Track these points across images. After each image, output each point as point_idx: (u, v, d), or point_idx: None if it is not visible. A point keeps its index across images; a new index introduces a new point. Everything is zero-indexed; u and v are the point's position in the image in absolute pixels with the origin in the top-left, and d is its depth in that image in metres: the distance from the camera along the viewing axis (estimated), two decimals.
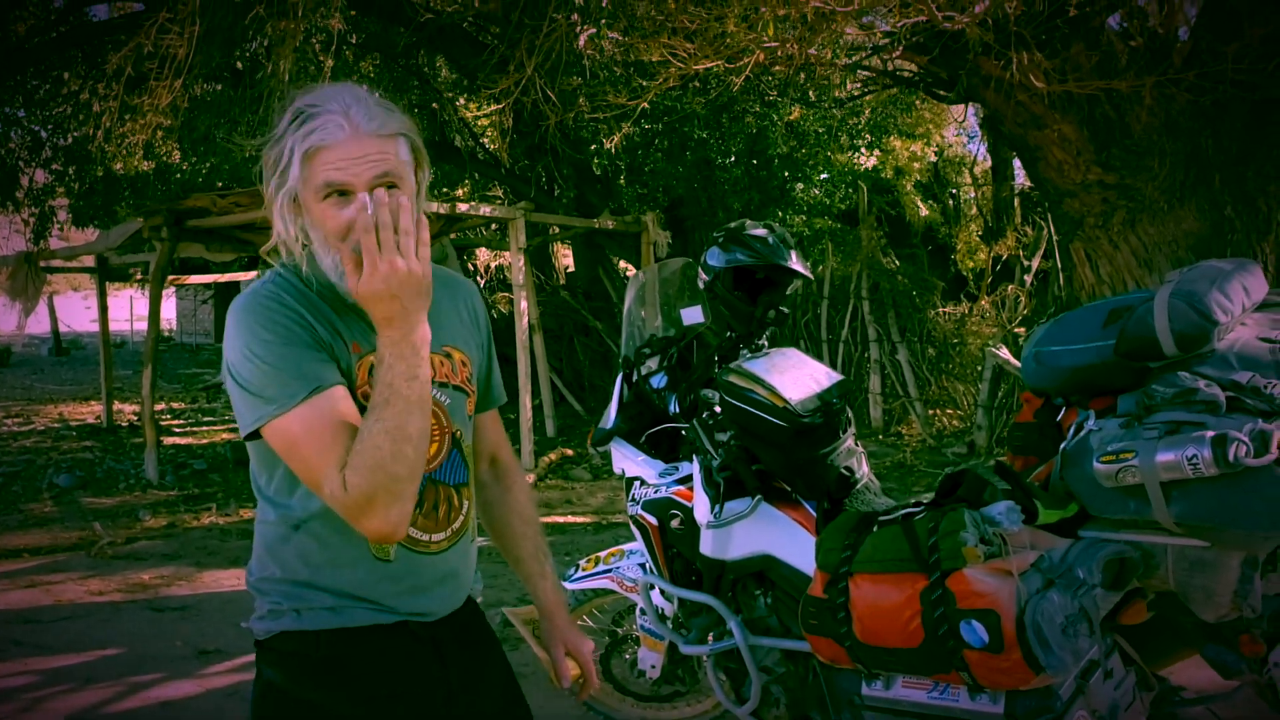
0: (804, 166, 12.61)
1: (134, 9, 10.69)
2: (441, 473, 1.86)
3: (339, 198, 1.67)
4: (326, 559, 1.78)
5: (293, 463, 1.69)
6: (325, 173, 1.66)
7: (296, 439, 1.65)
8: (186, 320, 30.81)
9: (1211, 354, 2.38)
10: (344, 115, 1.68)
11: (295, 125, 1.68)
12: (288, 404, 1.65)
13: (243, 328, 1.70)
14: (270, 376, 1.66)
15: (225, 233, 10.72)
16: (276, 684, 1.80)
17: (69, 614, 5.89)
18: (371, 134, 1.68)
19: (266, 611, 1.81)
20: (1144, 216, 5.13)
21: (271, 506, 1.81)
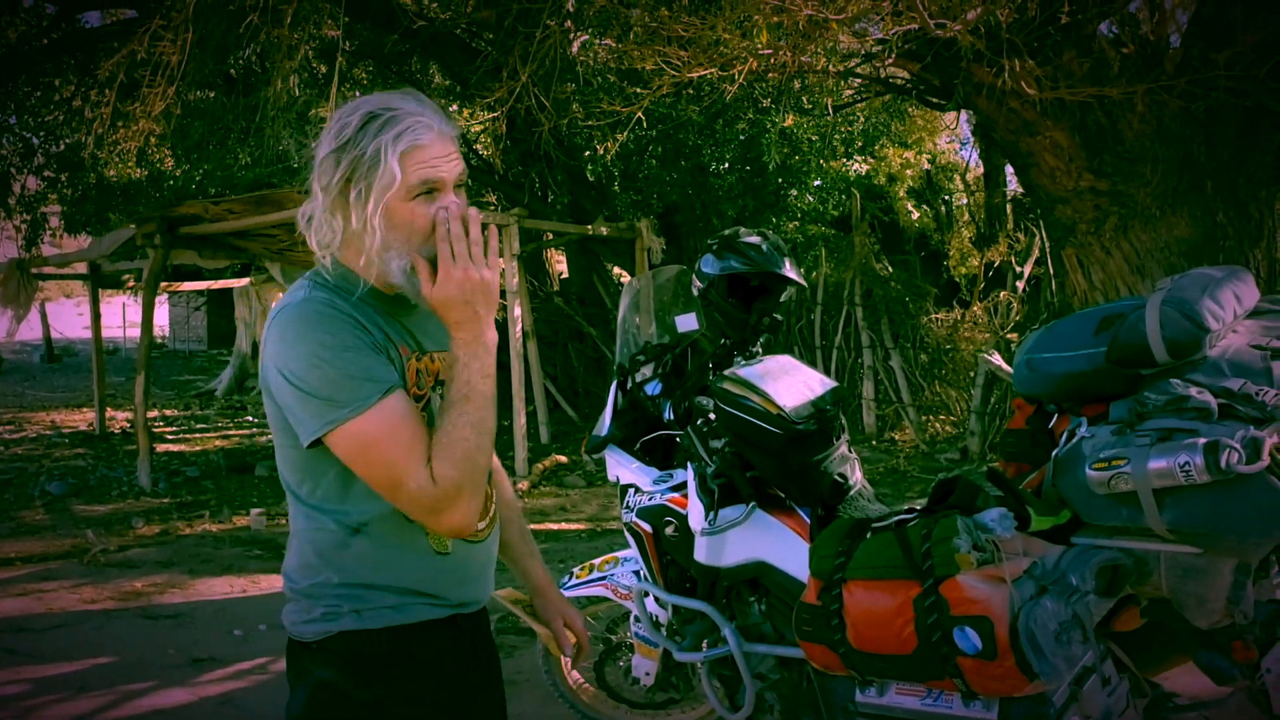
0: (798, 173, 12.63)
1: (127, 16, 10.68)
2: None
3: (425, 196, 1.75)
4: (387, 558, 1.81)
5: (368, 464, 1.71)
6: (419, 171, 1.73)
7: (375, 440, 1.69)
8: (179, 327, 30.74)
9: (1203, 361, 2.39)
10: (425, 117, 1.76)
11: (378, 128, 1.73)
12: (361, 406, 1.68)
13: (303, 335, 1.72)
14: (340, 381, 1.69)
15: (218, 239, 10.71)
16: (334, 684, 1.82)
17: (61, 622, 5.87)
18: (451, 135, 1.79)
19: (320, 614, 1.82)
20: (1136, 223, 5.14)
21: (321, 514, 1.82)
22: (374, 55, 11.44)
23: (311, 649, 1.84)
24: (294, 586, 1.87)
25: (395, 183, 1.72)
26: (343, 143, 1.74)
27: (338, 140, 1.75)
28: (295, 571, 1.87)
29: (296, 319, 1.74)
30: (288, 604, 1.89)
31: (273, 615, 5.86)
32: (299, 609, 1.86)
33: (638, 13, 5.92)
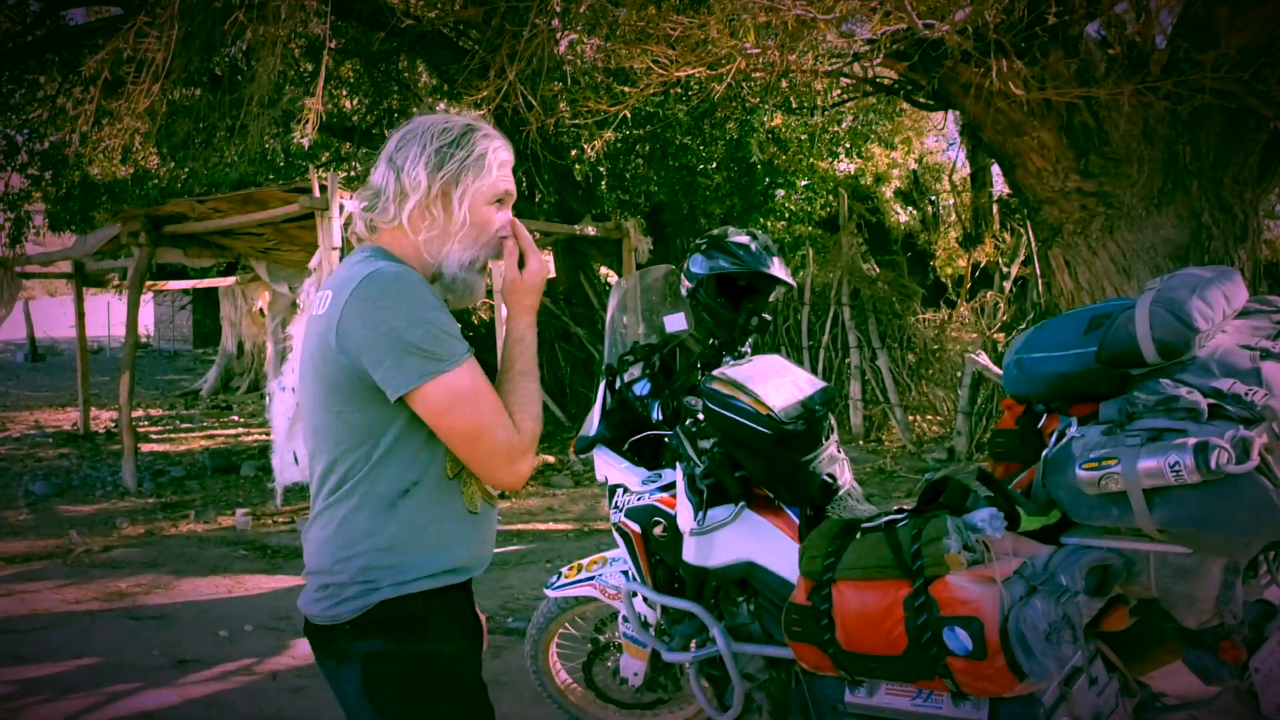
0: (785, 173, 12.64)
1: (112, 13, 10.62)
2: None
3: (499, 204, 2.07)
4: (429, 518, 1.97)
5: (457, 415, 1.90)
6: (507, 182, 2.07)
7: (468, 392, 1.90)
8: (164, 326, 30.59)
9: (1193, 361, 2.39)
10: (506, 141, 2.10)
11: (481, 136, 2.04)
12: (458, 361, 1.89)
13: (404, 295, 1.88)
14: (440, 338, 1.88)
15: (204, 238, 10.66)
16: (382, 652, 1.96)
17: (45, 623, 5.83)
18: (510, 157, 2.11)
19: (355, 592, 1.95)
20: (1122, 223, 5.16)
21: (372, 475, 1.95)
22: (361, 54, 11.40)
23: (348, 629, 1.96)
24: (329, 567, 1.98)
25: (488, 184, 2.03)
26: (447, 142, 2.01)
27: (441, 140, 2.01)
28: (329, 548, 1.98)
29: (395, 280, 1.90)
30: (313, 596, 2.00)
31: (259, 616, 5.84)
32: (328, 595, 1.97)
33: (626, 12, 5.92)
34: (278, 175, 12.63)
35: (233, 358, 18.69)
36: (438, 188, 1.99)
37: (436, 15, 8.88)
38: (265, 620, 5.77)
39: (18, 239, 12.46)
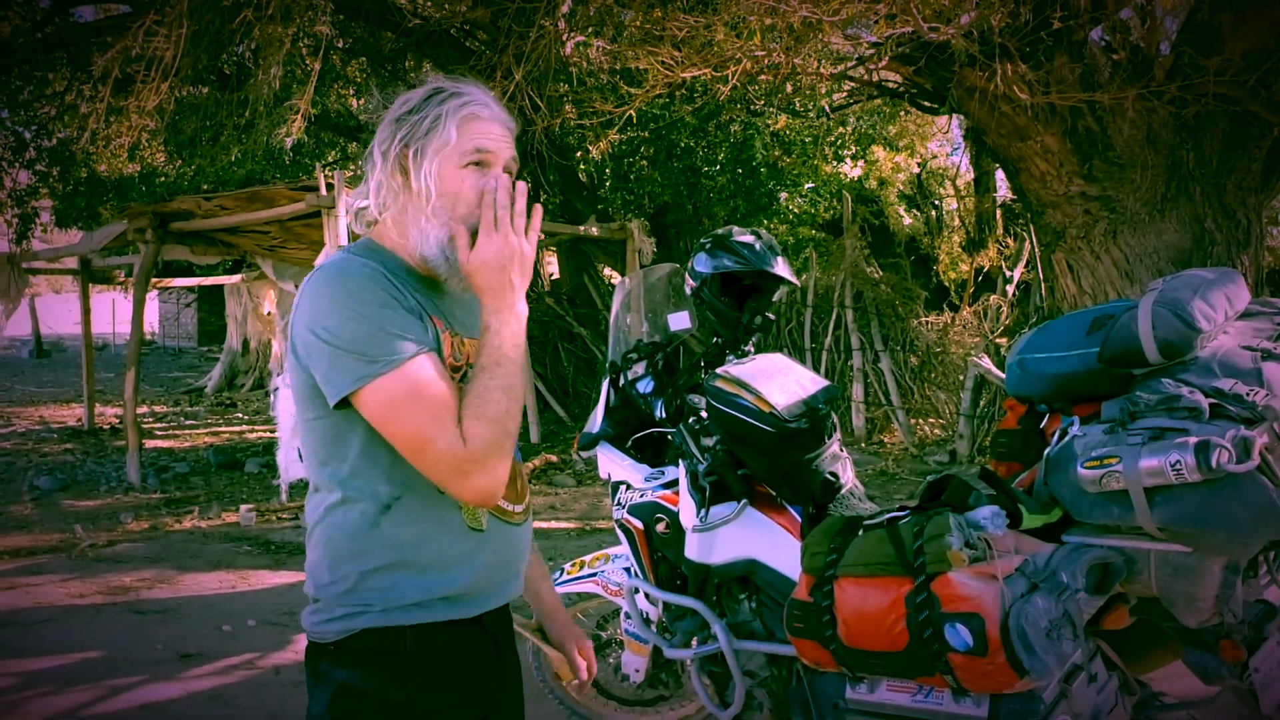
0: (789, 176, 12.66)
1: (121, 11, 10.66)
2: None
3: (476, 169, 1.80)
4: (420, 536, 1.77)
5: (398, 422, 1.68)
6: (477, 139, 1.80)
7: (406, 397, 1.66)
8: (169, 323, 30.62)
9: (1194, 361, 2.41)
10: (492, 100, 1.85)
11: (440, 99, 1.81)
12: (395, 362, 1.66)
13: (340, 291, 1.71)
14: (376, 336, 1.67)
15: (210, 236, 10.70)
16: (356, 686, 1.76)
17: (49, 616, 5.86)
18: (509, 125, 1.87)
19: (341, 614, 1.77)
20: (1125, 228, 5.18)
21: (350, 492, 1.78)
22: (368, 53, 11.44)
23: (331, 650, 1.78)
24: (317, 585, 1.81)
25: (450, 145, 1.78)
26: (406, 110, 1.82)
27: (402, 109, 1.83)
28: (318, 570, 1.81)
29: (333, 275, 1.74)
30: (309, 608, 1.83)
31: (262, 611, 5.86)
32: (319, 610, 1.80)
33: (632, 14, 5.94)
34: (284, 173, 12.65)
35: (238, 355, 18.71)
36: (393, 161, 1.80)
37: (444, 16, 8.91)
38: (268, 615, 5.80)
39: (24, 235, 12.49)
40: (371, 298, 1.70)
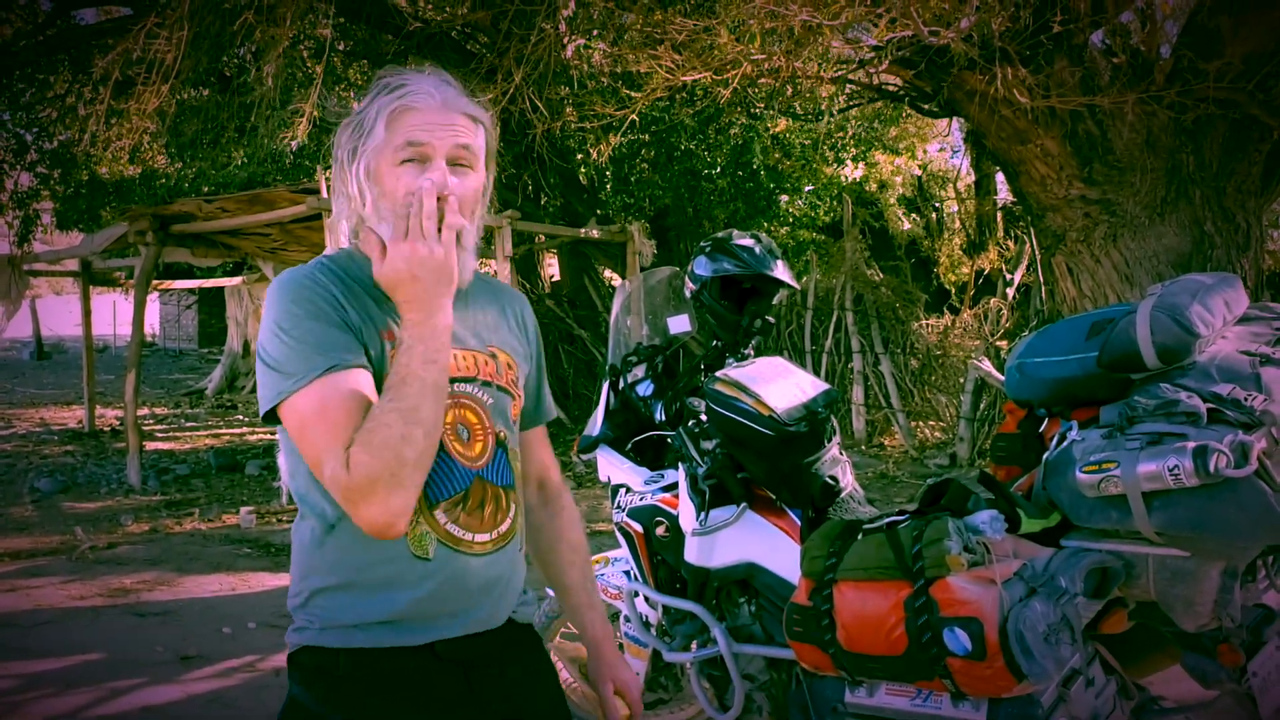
0: (789, 178, 12.67)
1: (122, 13, 10.66)
2: (489, 472, 1.79)
3: (414, 165, 1.68)
4: (365, 558, 1.68)
5: (304, 441, 1.61)
6: (408, 132, 1.68)
7: (313, 413, 1.58)
8: (170, 325, 30.65)
9: (1193, 366, 2.41)
10: (434, 87, 1.72)
11: (382, 92, 1.72)
12: (305, 379, 1.59)
13: (275, 304, 1.66)
14: (294, 352, 1.61)
15: (210, 238, 10.72)
16: (301, 702, 1.72)
17: (49, 618, 5.86)
18: (458, 110, 1.73)
19: (296, 625, 1.76)
20: (1125, 231, 5.18)
21: (304, 507, 1.75)
22: (369, 56, 11.43)
23: (290, 661, 1.76)
24: (288, 595, 1.80)
25: (379, 142, 1.70)
26: (358, 111, 1.74)
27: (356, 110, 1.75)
28: (290, 581, 1.80)
29: (276, 288, 1.69)
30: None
31: (262, 613, 5.86)
32: (291, 619, 1.79)
33: (633, 17, 5.94)
34: (285, 175, 12.66)
35: (238, 357, 18.72)
36: (337, 165, 1.75)
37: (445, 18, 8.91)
38: (268, 617, 5.80)
39: (25, 237, 12.50)
40: (303, 311, 1.64)
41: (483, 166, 1.77)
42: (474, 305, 1.87)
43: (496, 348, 1.87)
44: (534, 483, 2.09)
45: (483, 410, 1.80)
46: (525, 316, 2.01)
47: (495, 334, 1.89)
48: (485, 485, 1.77)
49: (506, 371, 1.86)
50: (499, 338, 1.89)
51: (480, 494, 1.76)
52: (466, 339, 1.81)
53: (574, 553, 2.12)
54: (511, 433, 1.86)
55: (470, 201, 1.73)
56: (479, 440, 1.78)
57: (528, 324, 2.00)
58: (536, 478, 2.10)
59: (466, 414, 1.78)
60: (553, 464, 2.15)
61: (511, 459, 1.84)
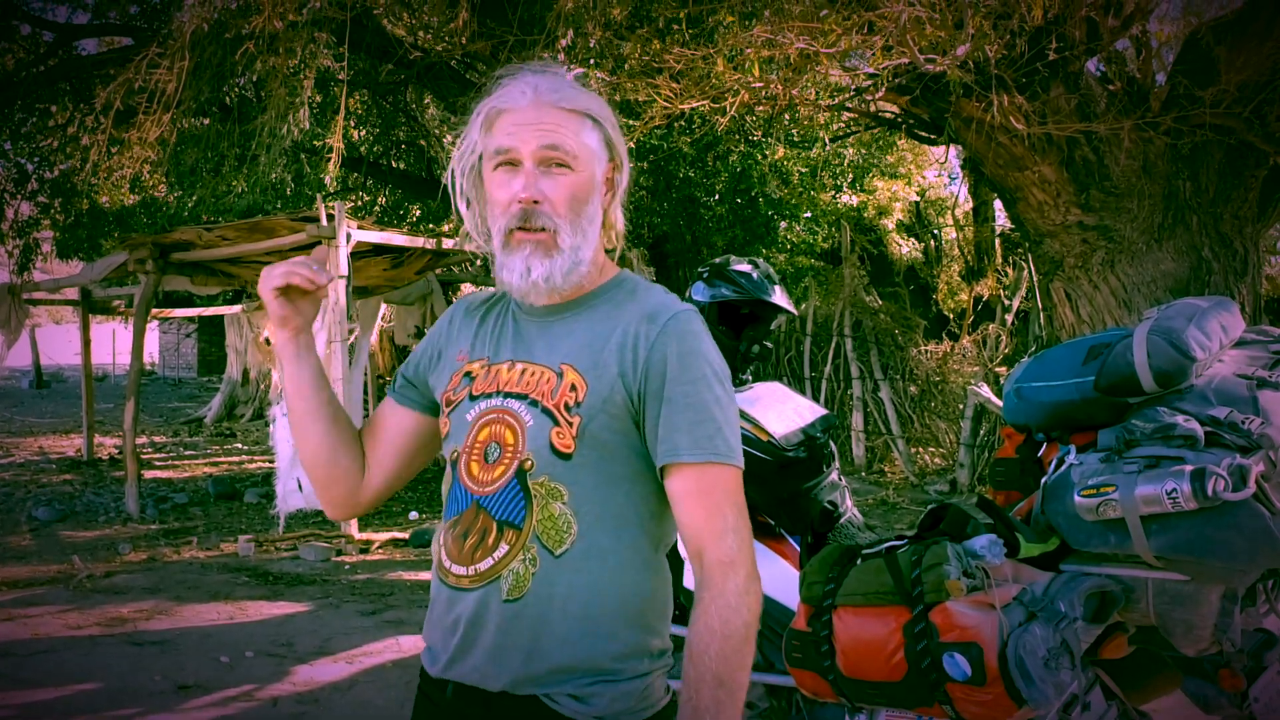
0: (788, 205, 12.72)
1: (123, 43, 10.73)
2: (491, 500, 1.63)
3: (507, 169, 1.63)
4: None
5: None
6: (498, 138, 1.63)
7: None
8: (170, 354, 30.66)
9: (1190, 390, 2.42)
10: (529, 84, 1.64)
11: (484, 94, 1.67)
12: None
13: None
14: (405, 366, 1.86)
15: (210, 266, 10.73)
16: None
17: (47, 647, 5.83)
18: (552, 104, 1.63)
19: None
20: (1123, 257, 5.19)
21: None
22: (369, 85, 11.50)
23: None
24: None
25: (477, 148, 1.66)
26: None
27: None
28: None
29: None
30: None
31: (260, 642, 5.83)
32: None
33: (631, 46, 5.98)
34: (285, 204, 12.71)
35: (237, 385, 18.72)
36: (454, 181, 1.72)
37: (444, 48, 8.96)
38: (266, 646, 5.77)
39: (25, 266, 12.53)
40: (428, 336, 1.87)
41: (588, 163, 1.65)
42: (579, 314, 1.70)
43: (568, 364, 1.65)
44: (691, 555, 1.63)
45: (521, 431, 1.64)
46: (647, 334, 1.64)
47: (579, 349, 1.66)
48: (480, 513, 1.63)
49: (565, 392, 1.63)
50: (579, 353, 1.66)
51: (469, 522, 1.64)
52: (541, 352, 1.68)
53: (693, 665, 1.56)
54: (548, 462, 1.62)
55: (565, 202, 1.62)
56: (503, 463, 1.64)
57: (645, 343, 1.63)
58: (691, 549, 1.62)
59: (505, 433, 1.64)
60: (710, 531, 1.59)
61: (531, 492, 1.61)
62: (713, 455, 1.59)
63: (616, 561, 1.63)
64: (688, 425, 1.59)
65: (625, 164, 1.73)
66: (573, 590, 1.59)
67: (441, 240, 10.49)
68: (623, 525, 1.64)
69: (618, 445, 1.62)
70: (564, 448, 1.60)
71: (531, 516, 1.60)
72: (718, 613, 1.56)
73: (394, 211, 14.82)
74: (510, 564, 1.60)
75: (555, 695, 1.59)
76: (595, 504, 1.61)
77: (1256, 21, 4.75)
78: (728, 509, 1.60)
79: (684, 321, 1.65)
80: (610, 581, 1.62)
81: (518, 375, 1.67)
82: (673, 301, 1.69)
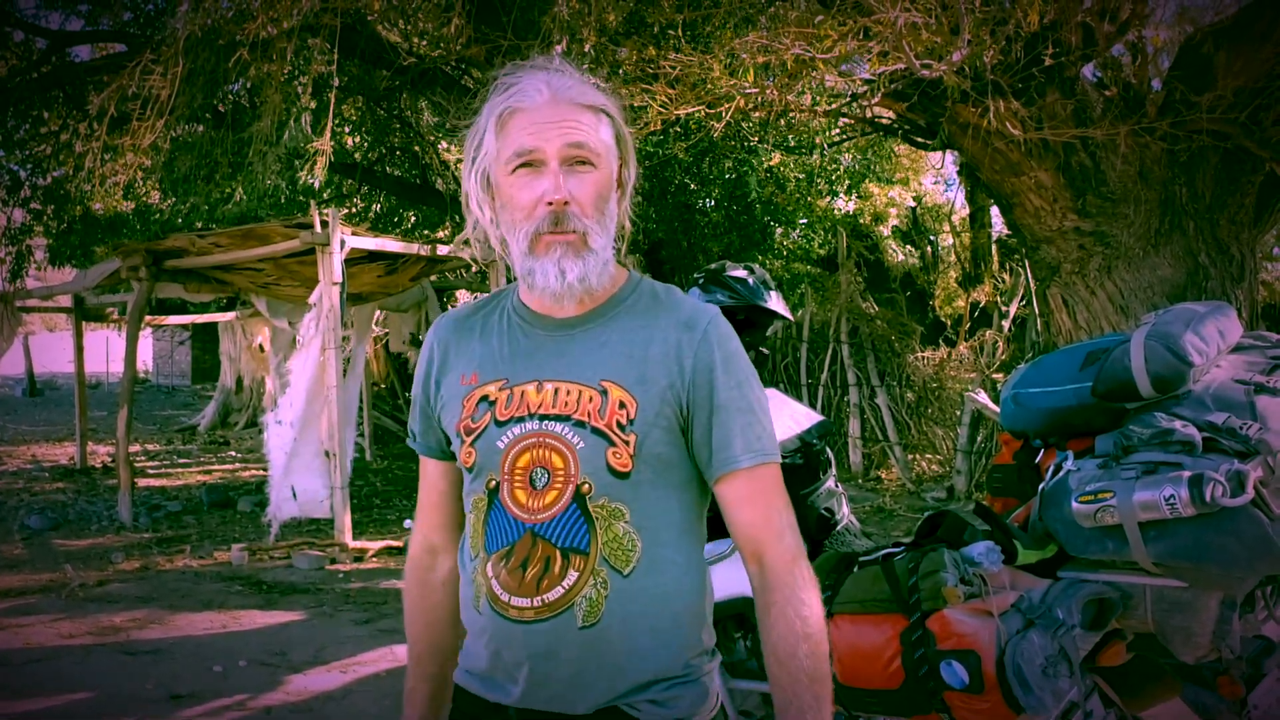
0: (783, 211, 12.71)
1: (117, 50, 10.72)
2: (548, 528, 1.58)
3: (529, 170, 1.57)
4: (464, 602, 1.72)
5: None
6: (518, 136, 1.57)
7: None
8: (163, 361, 30.58)
9: (1187, 395, 2.40)
10: (544, 81, 1.59)
11: (494, 93, 1.62)
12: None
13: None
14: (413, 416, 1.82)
15: (204, 273, 10.70)
16: None
17: (39, 656, 5.80)
18: (570, 101, 1.59)
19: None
20: (1120, 263, 5.18)
21: None
22: (363, 92, 11.49)
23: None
24: None
25: (491, 149, 1.61)
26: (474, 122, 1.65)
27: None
28: None
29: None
30: None
31: (253, 651, 5.80)
32: None
33: (627, 51, 5.97)
34: (279, 210, 12.69)
35: (231, 393, 18.68)
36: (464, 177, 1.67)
37: (439, 54, 8.96)
38: (260, 655, 5.74)
39: (18, 273, 12.50)
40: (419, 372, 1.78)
41: (608, 160, 1.61)
42: (605, 324, 1.65)
43: (611, 381, 1.60)
44: (749, 557, 1.62)
45: (571, 454, 1.58)
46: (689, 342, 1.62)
47: (619, 364, 1.61)
48: (537, 542, 1.57)
49: (614, 411, 1.58)
50: (621, 368, 1.61)
51: (526, 551, 1.58)
52: (574, 370, 1.62)
53: (780, 667, 1.56)
54: (608, 484, 1.58)
55: (592, 202, 1.58)
56: (555, 488, 1.58)
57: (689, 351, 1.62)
58: (749, 551, 1.62)
59: (551, 457, 1.59)
60: (770, 531, 1.60)
61: (597, 516, 1.57)
62: (763, 456, 1.61)
63: (679, 569, 1.62)
64: (740, 429, 1.60)
65: (633, 160, 1.69)
66: (646, 606, 1.58)
67: (436, 246, 10.47)
68: (681, 533, 1.64)
69: (673, 457, 1.61)
70: (622, 467, 1.57)
71: (596, 540, 1.57)
72: (795, 612, 1.55)
73: (388, 218, 14.81)
74: (582, 590, 1.56)
75: (636, 703, 1.59)
76: (656, 518, 1.60)
77: (1252, 27, 4.75)
78: (781, 507, 1.62)
79: (720, 325, 1.65)
80: (677, 590, 1.62)
81: (551, 397, 1.61)
82: (702, 305, 1.68)
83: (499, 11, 6.86)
